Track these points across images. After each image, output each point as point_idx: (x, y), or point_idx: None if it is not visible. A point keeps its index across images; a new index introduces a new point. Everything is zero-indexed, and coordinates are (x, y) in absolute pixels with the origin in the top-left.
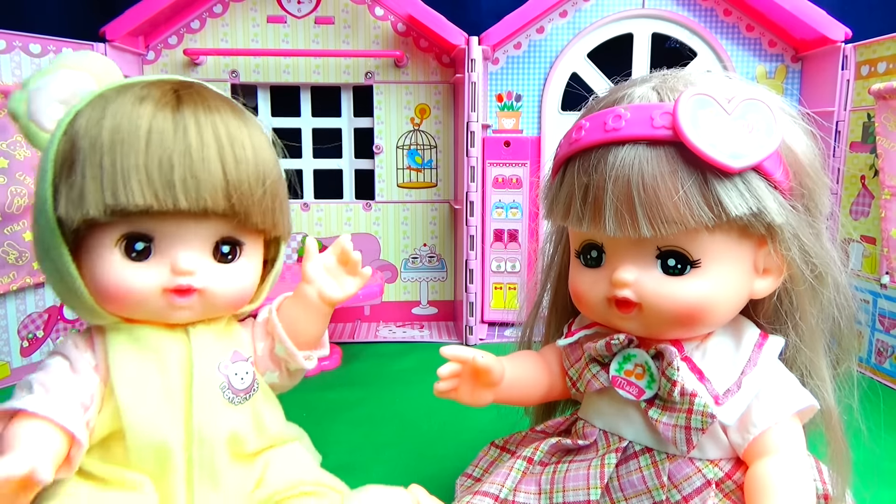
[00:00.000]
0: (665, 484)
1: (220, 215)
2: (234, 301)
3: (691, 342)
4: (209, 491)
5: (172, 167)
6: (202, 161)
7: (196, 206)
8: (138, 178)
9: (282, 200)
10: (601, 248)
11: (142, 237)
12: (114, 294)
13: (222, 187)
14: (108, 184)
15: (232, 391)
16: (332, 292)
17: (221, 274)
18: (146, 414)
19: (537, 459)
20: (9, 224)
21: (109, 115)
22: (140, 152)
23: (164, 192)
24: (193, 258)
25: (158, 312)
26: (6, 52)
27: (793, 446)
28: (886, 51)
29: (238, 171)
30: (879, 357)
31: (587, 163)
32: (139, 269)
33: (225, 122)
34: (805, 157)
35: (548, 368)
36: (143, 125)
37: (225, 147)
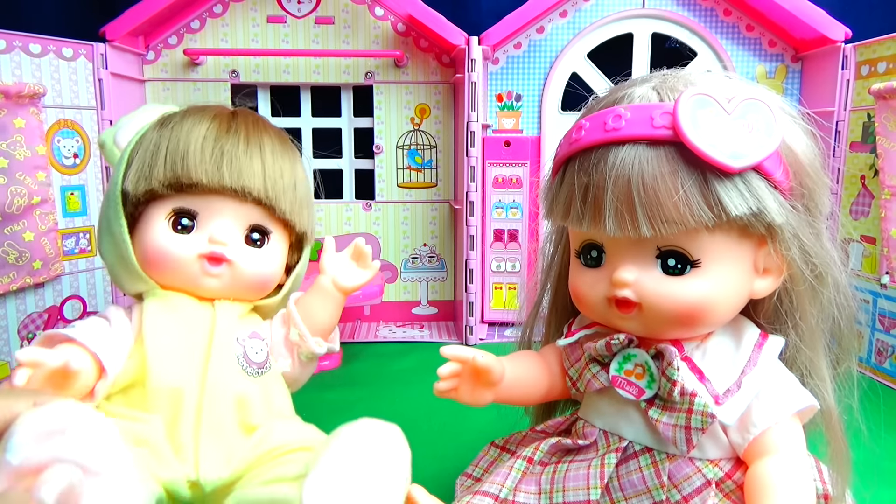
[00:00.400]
0: (665, 484)
1: (255, 201)
2: (257, 282)
3: (691, 342)
4: (213, 441)
5: (223, 153)
6: (246, 154)
7: (237, 184)
8: (195, 158)
9: (309, 201)
10: (601, 247)
11: (188, 214)
12: (157, 257)
13: (259, 175)
14: (171, 162)
15: (247, 360)
16: (345, 280)
17: (250, 254)
18: (167, 362)
19: (537, 459)
20: (9, 224)
21: (179, 116)
22: (199, 141)
23: (213, 171)
24: (228, 233)
25: (192, 279)
26: (6, 52)
27: (793, 446)
28: (886, 51)
29: (274, 166)
30: (879, 357)
31: (587, 163)
32: (182, 240)
33: (270, 137)
34: (805, 156)
35: (548, 368)
36: (205, 125)
37: (265, 150)
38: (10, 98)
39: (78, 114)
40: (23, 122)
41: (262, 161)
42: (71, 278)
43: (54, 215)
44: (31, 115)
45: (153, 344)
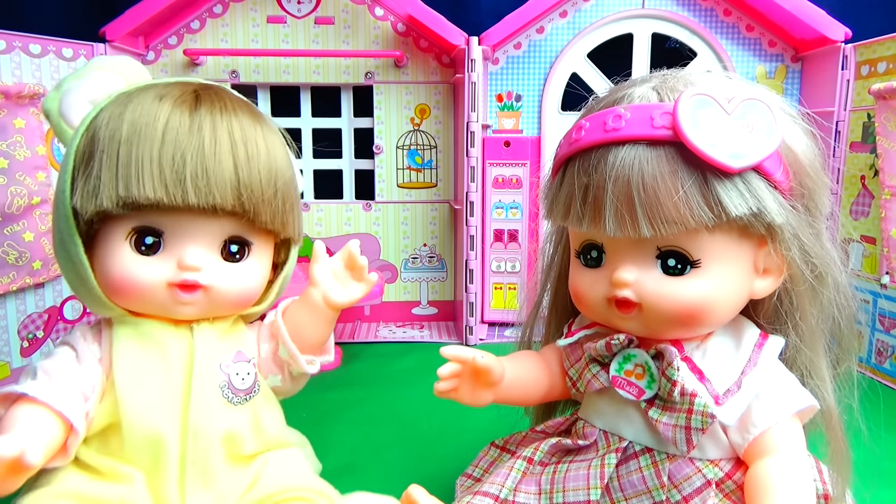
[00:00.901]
0: (665, 484)
1: (229, 213)
2: (239, 300)
3: (691, 342)
4: (201, 489)
5: (185, 163)
6: (214, 157)
7: (205, 201)
8: (151, 171)
9: (293, 203)
10: (601, 248)
11: (152, 231)
12: (120, 286)
13: (233, 185)
14: (122, 176)
15: (232, 390)
16: (337, 296)
17: (228, 272)
18: (143, 405)
19: (537, 459)
20: (9, 224)
21: (129, 110)
22: (155, 147)
23: (174, 187)
24: (201, 255)
25: (163, 307)
26: (6, 53)
27: (793, 446)
28: (886, 51)
29: (249, 169)
30: (879, 357)
31: (587, 163)
32: (147, 263)
33: (240, 123)
34: (805, 157)
35: (548, 368)
36: (161, 121)
37: (238, 145)
38: (10, 98)
39: None
40: (23, 122)
41: (235, 164)
42: None
43: None
44: (30, 115)
45: (125, 384)
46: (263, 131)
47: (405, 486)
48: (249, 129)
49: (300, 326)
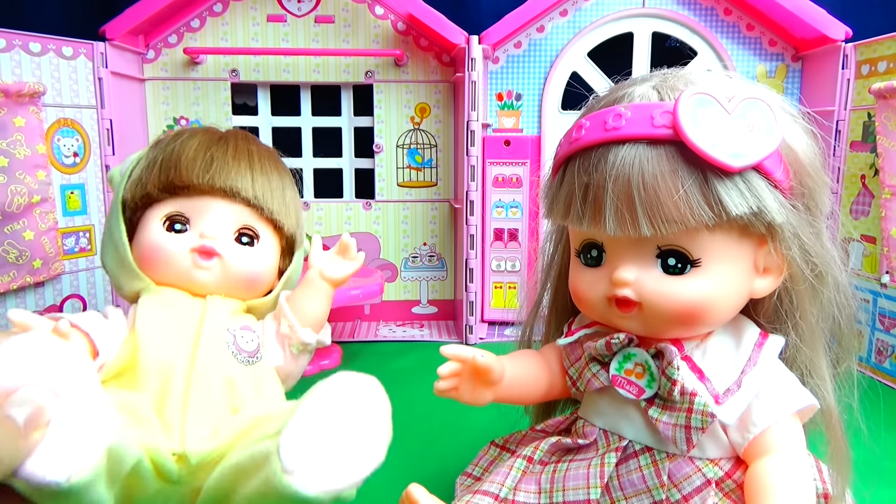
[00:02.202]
0: (665, 483)
1: (244, 201)
2: (247, 278)
3: (691, 341)
4: (201, 421)
5: (212, 159)
6: (235, 159)
7: (225, 184)
8: (186, 164)
9: (297, 212)
10: (601, 247)
11: (181, 218)
12: (151, 253)
13: (248, 178)
14: (164, 168)
15: (237, 347)
16: (331, 271)
17: (240, 251)
18: (158, 341)
19: (537, 458)
20: (9, 223)
21: (174, 135)
22: (191, 150)
23: (202, 174)
24: (218, 229)
25: (184, 272)
26: (6, 51)
27: (793, 445)
28: (887, 50)
29: (262, 171)
30: (879, 356)
31: (587, 162)
32: (174, 237)
33: (258, 150)
34: (805, 156)
35: (548, 367)
36: (198, 137)
37: (254, 157)
38: (10, 97)
39: (78, 113)
40: (23, 120)
41: (250, 166)
42: (71, 277)
43: (54, 214)
44: (31, 113)
45: (145, 328)
46: (277, 161)
47: (405, 484)
48: (265, 154)
49: (300, 302)
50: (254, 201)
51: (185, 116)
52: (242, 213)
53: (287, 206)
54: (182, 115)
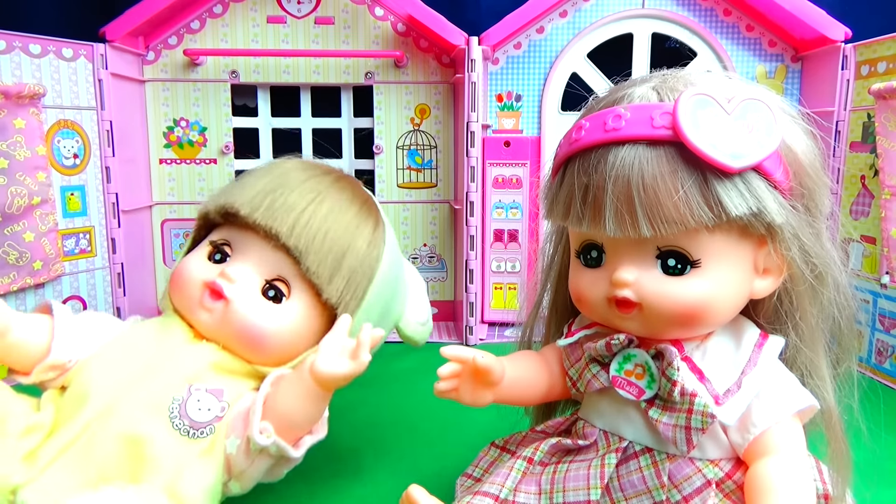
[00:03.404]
0: (665, 484)
1: (282, 247)
2: (249, 336)
3: (691, 342)
4: (71, 468)
5: (272, 191)
6: (294, 194)
7: (265, 222)
8: (244, 190)
9: (357, 285)
10: (601, 248)
11: (225, 248)
12: (174, 275)
13: (294, 221)
14: (227, 192)
15: (181, 411)
16: (322, 364)
17: (255, 304)
18: (101, 368)
19: (537, 459)
20: (9, 224)
21: (281, 160)
22: (260, 178)
23: (251, 205)
24: (242, 274)
25: (190, 306)
26: (6, 53)
27: (793, 446)
28: (887, 50)
29: (317, 223)
30: (879, 357)
31: (587, 163)
32: (202, 264)
33: (341, 195)
34: (805, 156)
35: (548, 368)
36: (285, 166)
37: (323, 205)
38: (9, 98)
39: (78, 114)
40: (23, 122)
41: (304, 211)
42: (71, 279)
43: (54, 216)
44: (31, 115)
45: (103, 351)
46: (353, 220)
47: (405, 485)
48: (347, 207)
49: (279, 390)
50: (293, 252)
51: (185, 118)
52: (282, 263)
53: (339, 272)
54: (182, 116)
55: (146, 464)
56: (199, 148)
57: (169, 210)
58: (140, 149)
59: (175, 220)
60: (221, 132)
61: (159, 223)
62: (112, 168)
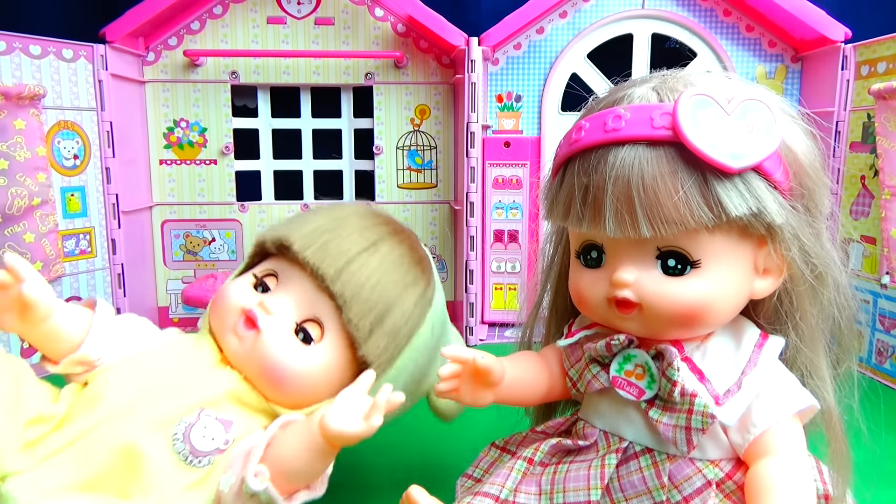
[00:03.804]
0: (665, 484)
1: (325, 290)
2: (271, 372)
3: (691, 342)
4: (65, 468)
5: (328, 231)
6: (349, 243)
7: (313, 260)
8: (298, 228)
9: (393, 339)
10: (601, 248)
11: (271, 280)
12: (216, 296)
13: (340, 268)
14: (282, 226)
15: (185, 434)
16: (331, 417)
17: (284, 340)
18: (122, 373)
19: (538, 460)
20: (9, 225)
21: None
22: (316, 217)
23: (303, 242)
24: (280, 306)
25: (223, 331)
26: (6, 54)
27: (793, 446)
28: (886, 51)
29: (367, 273)
30: (880, 357)
31: (587, 163)
32: (245, 291)
33: (396, 249)
34: (805, 157)
35: (548, 369)
36: (348, 210)
37: (374, 258)
38: (10, 99)
39: (78, 115)
40: (23, 123)
41: (361, 260)
42: (71, 279)
43: (55, 216)
44: (31, 116)
45: (136, 356)
46: (403, 278)
47: (405, 486)
48: (400, 258)
49: (285, 435)
50: (337, 299)
51: (185, 118)
52: (323, 305)
53: (380, 328)
54: (182, 117)
55: (138, 481)
56: (200, 149)
57: (169, 211)
58: (140, 150)
59: (175, 221)
60: (221, 133)
61: (159, 224)
62: (112, 169)
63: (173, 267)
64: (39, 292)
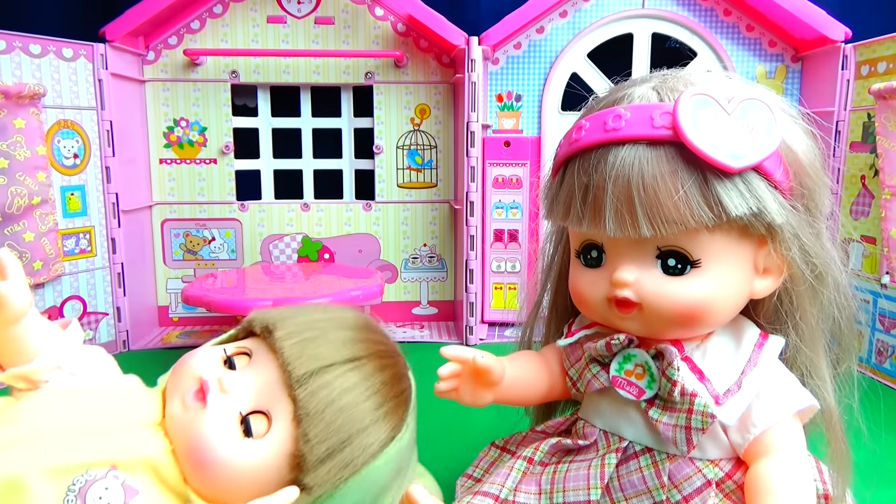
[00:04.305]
0: (665, 484)
1: (289, 388)
2: (197, 448)
3: (691, 342)
4: None
5: (308, 329)
6: (322, 345)
7: (287, 355)
8: (289, 317)
9: (348, 460)
10: (601, 248)
11: (236, 360)
12: (184, 357)
13: (311, 371)
14: (277, 312)
15: (79, 490)
16: None
17: (225, 421)
18: (49, 402)
19: (537, 459)
20: (9, 224)
21: None
22: (312, 312)
23: (284, 331)
24: (238, 386)
25: (175, 390)
26: (6, 53)
27: (793, 446)
28: (886, 50)
29: (335, 385)
30: (879, 357)
31: (587, 163)
32: (212, 361)
33: (376, 374)
34: (805, 156)
35: (548, 368)
36: (342, 312)
37: (350, 368)
38: (10, 98)
39: (78, 114)
40: (23, 122)
41: (337, 373)
42: (71, 279)
43: (54, 216)
44: (31, 115)
45: (79, 389)
46: (384, 405)
47: None
48: (379, 384)
49: None
50: (299, 410)
51: (185, 118)
52: (280, 403)
53: (332, 459)
54: (182, 116)
55: None
56: (199, 148)
57: (169, 210)
58: (140, 149)
59: (175, 220)
60: (221, 132)
61: (159, 223)
62: (112, 168)
63: (173, 266)
64: (16, 296)
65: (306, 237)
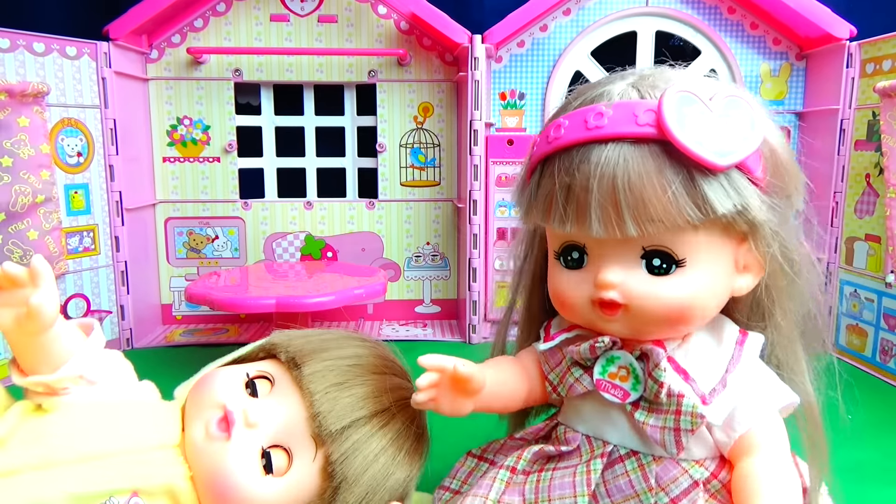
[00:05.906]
0: (653, 487)
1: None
2: (220, 482)
3: (672, 341)
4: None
5: (333, 374)
6: (352, 396)
7: (319, 408)
8: (314, 357)
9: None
10: (583, 248)
11: (265, 381)
12: (203, 378)
13: (345, 426)
14: (297, 344)
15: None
16: None
17: (248, 455)
18: (74, 420)
19: (520, 468)
20: (13, 222)
21: None
22: (332, 351)
23: (312, 377)
24: (264, 418)
25: (196, 418)
26: (10, 51)
27: (777, 443)
28: (891, 48)
29: (367, 447)
30: (884, 356)
31: (568, 162)
32: (234, 387)
33: (402, 430)
34: (782, 153)
35: (526, 374)
36: (363, 344)
37: (380, 425)
38: (13, 97)
39: (82, 112)
40: (27, 120)
41: (368, 432)
42: (74, 277)
43: (58, 214)
44: (34, 113)
45: (99, 404)
46: (407, 453)
47: None
48: (405, 434)
49: None
50: (334, 475)
51: (188, 116)
52: (305, 444)
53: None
54: (185, 114)
55: None
56: (203, 146)
57: (172, 208)
58: (143, 147)
59: (178, 219)
60: (225, 130)
61: (163, 221)
62: (116, 166)
63: (177, 264)
64: (46, 308)
65: (309, 235)
